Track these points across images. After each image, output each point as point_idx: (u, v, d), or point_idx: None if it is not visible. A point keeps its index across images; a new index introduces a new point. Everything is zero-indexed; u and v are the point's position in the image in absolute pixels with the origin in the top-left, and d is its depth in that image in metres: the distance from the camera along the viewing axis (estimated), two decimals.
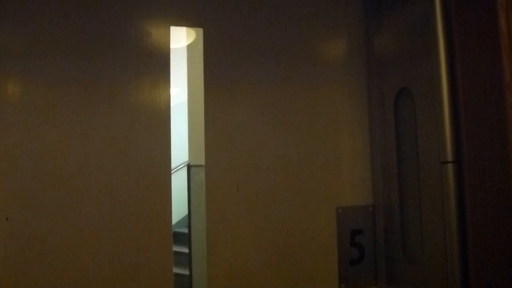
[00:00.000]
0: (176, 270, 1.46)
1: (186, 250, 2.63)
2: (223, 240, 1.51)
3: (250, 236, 1.54)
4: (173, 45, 1.57)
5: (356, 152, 1.69)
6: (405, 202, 1.54)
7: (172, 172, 1.51)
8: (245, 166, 1.56)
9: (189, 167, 2.55)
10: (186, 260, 2.59)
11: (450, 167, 1.30)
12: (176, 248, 1.52)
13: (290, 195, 1.60)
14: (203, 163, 1.54)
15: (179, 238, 4.47)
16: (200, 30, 1.60)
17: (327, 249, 1.61)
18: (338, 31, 1.74)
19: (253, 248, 1.54)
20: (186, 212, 2.65)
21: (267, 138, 1.60)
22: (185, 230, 2.94)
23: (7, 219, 1.32)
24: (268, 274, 1.55)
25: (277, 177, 1.59)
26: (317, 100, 1.67)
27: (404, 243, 1.52)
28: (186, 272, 2.53)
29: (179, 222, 5.21)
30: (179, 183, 1.83)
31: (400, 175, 1.56)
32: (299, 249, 1.58)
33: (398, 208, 1.55)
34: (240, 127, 1.57)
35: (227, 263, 1.51)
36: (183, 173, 3.04)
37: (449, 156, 1.30)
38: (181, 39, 2.56)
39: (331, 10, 1.72)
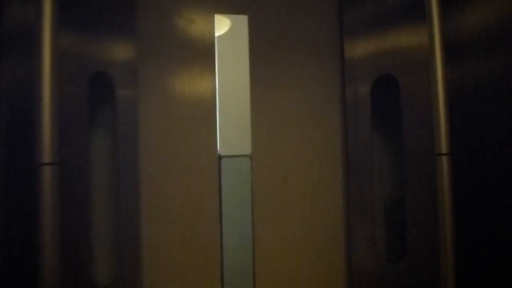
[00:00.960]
0: None
1: None
2: (271, 232, 1.49)
3: (298, 228, 1.51)
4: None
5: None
6: (388, 198, 1.48)
7: None
8: (292, 157, 1.53)
9: (219, 158, 2.53)
10: None
11: (444, 159, 1.19)
12: None
13: (339, 186, 1.56)
14: (236, 153, 1.52)
15: None
16: (243, 18, 1.56)
17: None
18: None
19: (302, 240, 1.52)
20: None
21: (314, 127, 1.56)
22: None
23: None
24: (316, 267, 1.52)
25: (325, 167, 1.56)
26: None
27: (386, 241, 1.47)
28: None
29: None
30: None
31: (380, 170, 1.49)
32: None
33: (374, 205, 1.48)
34: (287, 117, 1.54)
35: (275, 256, 1.49)
36: None
37: (444, 148, 1.19)
38: None
39: None
